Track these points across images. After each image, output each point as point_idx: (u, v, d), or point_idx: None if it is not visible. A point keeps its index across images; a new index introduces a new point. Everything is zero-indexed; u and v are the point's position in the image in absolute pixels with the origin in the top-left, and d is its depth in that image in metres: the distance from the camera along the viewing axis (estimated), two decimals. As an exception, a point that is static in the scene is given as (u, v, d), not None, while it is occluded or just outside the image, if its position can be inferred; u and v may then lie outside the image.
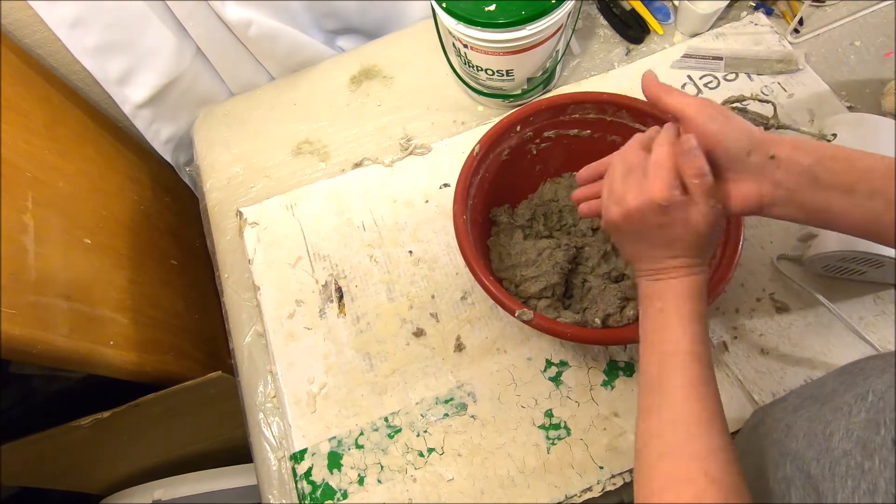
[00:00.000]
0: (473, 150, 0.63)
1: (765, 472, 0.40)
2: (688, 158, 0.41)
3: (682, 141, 0.41)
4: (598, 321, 0.61)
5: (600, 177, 0.51)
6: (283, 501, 0.63)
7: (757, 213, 0.44)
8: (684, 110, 0.42)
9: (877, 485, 0.30)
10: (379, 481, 0.62)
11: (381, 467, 0.63)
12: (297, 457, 0.64)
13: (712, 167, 0.41)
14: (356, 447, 0.64)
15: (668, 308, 0.43)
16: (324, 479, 0.63)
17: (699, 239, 0.43)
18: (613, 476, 0.60)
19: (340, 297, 0.72)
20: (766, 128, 0.72)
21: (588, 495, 0.60)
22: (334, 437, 0.65)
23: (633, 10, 0.86)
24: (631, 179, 0.44)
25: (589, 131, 0.67)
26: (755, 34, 0.84)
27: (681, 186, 0.41)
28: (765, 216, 0.44)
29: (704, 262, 0.45)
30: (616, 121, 0.65)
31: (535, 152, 0.69)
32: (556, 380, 0.65)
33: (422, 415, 0.65)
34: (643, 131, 0.48)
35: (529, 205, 0.72)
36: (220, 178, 0.83)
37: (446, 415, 0.65)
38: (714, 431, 0.37)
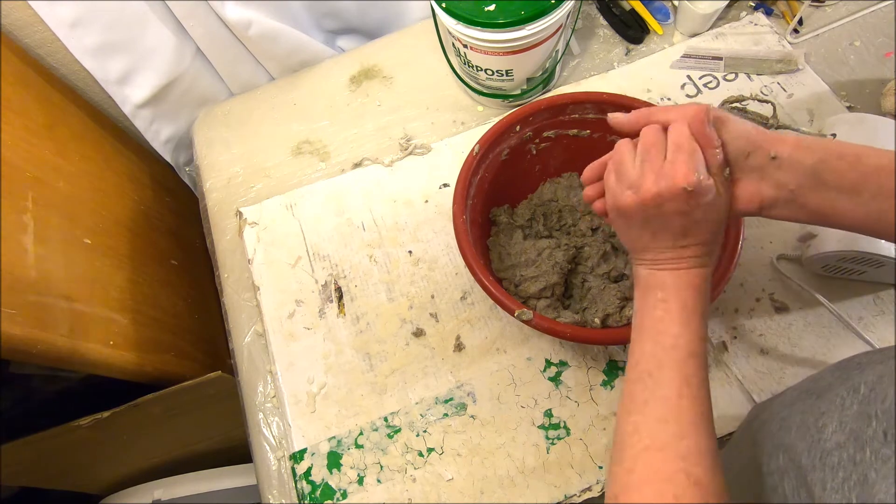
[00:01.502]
0: (473, 150, 0.63)
1: (759, 464, 0.40)
2: (703, 136, 0.40)
3: (697, 113, 0.40)
4: (597, 321, 0.61)
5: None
6: (283, 501, 0.63)
7: (758, 215, 0.43)
8: (678, 120, 0.42)
9: (867, 476, 0.30)
10: (378, 481, 0.62)
11: (381, 467, 0.63)
12: (297, 457, 0.64)
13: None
14: (356, 447, 0.64)
15: (670, 299, 0.42)
16: (323, 479, 0.63)
17: (716, 226, 0.42)
18: (613, 476, 0.60)
19: (340, 297, 0.72)
20: (766, 128, 0.72)
21: (588, 495, 0.60)
22: (334, 437, 0.65)
23: (633, 10, 0.86)
24: (647, 164, 0.42)
25: (589, 131, 0.67)
26: (755, 34, 0.84)
27: (705, 170, 0.40)
28: (766, 217, 0.43)
29: (713, 252, 0.44)
30: (616, 121, 0.65)
31: (534, 152, 0.69)
32: (555, 380, 0.65)
33: (421, 415, 0.65)
34: None
35: (529, 205, 0.72)
36: (220, 178, 0.83)
37: (446, 415, 0.65)
38: (703, 433, 0.37)
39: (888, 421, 0.30)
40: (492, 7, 0.67)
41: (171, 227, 0.93)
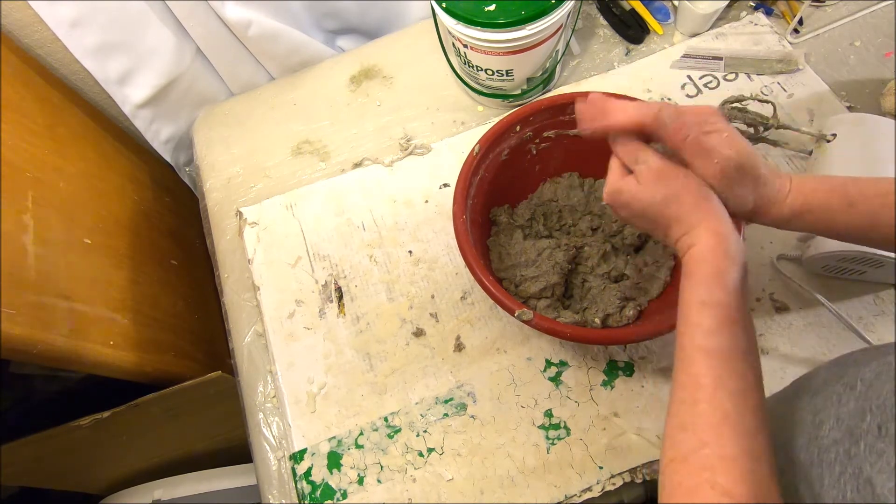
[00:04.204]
0: (473, 149, 0.63)
1: None
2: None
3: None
4: (597, 321, 0.61)
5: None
6: (283, 501, 0.63)
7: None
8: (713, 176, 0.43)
9: (861, 469, 0.30)
10: (379, 481, 0.62)
11: (381, 467, 0.63)
12: (297, 457, 0.64)
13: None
14: (356, 447, 0.64)
15: (684, 289, 0.41)
16: (323, 479, 0.63)
17: (658, 210, 0.44)
18: (613, 476, 0.60)
19: (340, 297, 0.72)
20: (766, 128, 0.72)
21: (588, 495, 0.60)
22: (334, 437, 0.65)
23: (633, 10, 0.86)
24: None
25: (589, 131, 0.67)
26: (755, 34, 0.84)
27: (620, 180, 0.46)
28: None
29: (692, 229, 0.42)
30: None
31: (534, 152, 0.69)
32: (555, 380, 0.65)
33: (421, 415, 0.65)
34: None
35: (529, 205, 0.72)
36: (220, 178, 0.83)
37: (446, 415, 0.65)
38: (727, 437, 0.34)
39: (882, 415, 0.30)
40: (492, 7, 0.67)
41: (171, 227, 0.93)
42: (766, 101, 0.73)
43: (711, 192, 0.43)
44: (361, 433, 0.65)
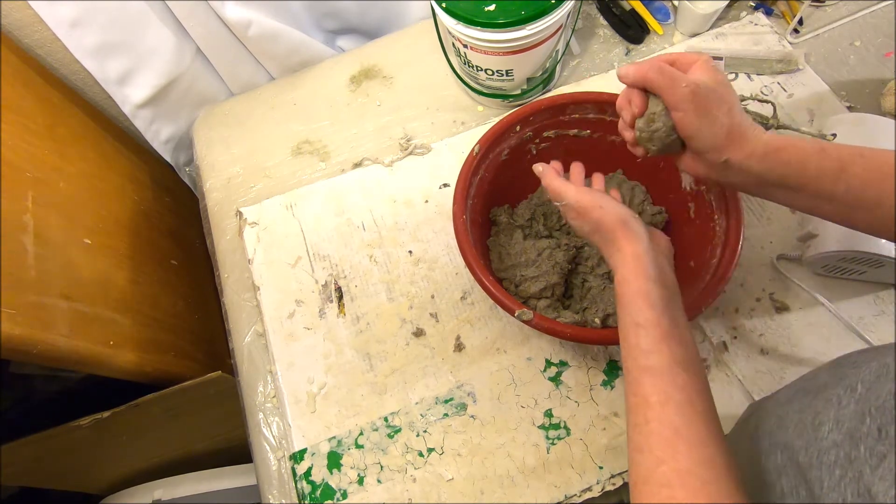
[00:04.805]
0: (473, 149, 0.63)
1: (756, 462, 0.40)
2: None
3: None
4: (597, 321, 0.61)
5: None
6: (283, 501, 0.63)
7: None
8: (673, 95, 0.44)
9: (861, 472, 0.30)
10: (379, 481, 0.62)
11: (381, 467, 0.63)
12: (297, 457, 0.64)
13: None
14: (356, 447, 0.64)
15: (618, 313, 0.44)
16: (323, 479, 0.63)
17: (588, 238, 0.50)
18: (613, 476, 0.60)
19: (340, 297, 0.72)
20: (767, 128, 0.72)
21: (588, 495, 0.60)
22: (334, 437, 0.65)
23: (633, 10, 0.86)
24: None
25: (589, 131, 0.67)
26: (755, 34, 0.84)
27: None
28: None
29: (617, 249, 0.46)
30: (616, 121, 0.64)
31: (534, 152, 0.69)
32: (555, 380, 0.65)
33: (421, 415, 0.65)
34: None
35: (529, 205, 0.71)
36: (220, 178, 0.83)
37: (446, 415, 0.65)
38: (680, 451, 0.35)
39: (882, 417, 0.30)
40: (492, 7, 0.67)
41: (171, 227, 0.93)
42: (766, 101, 0.74)
43: (631, 215, 0.48)
44: (361, 433, 0.65)
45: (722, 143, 0.44)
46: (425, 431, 0.64)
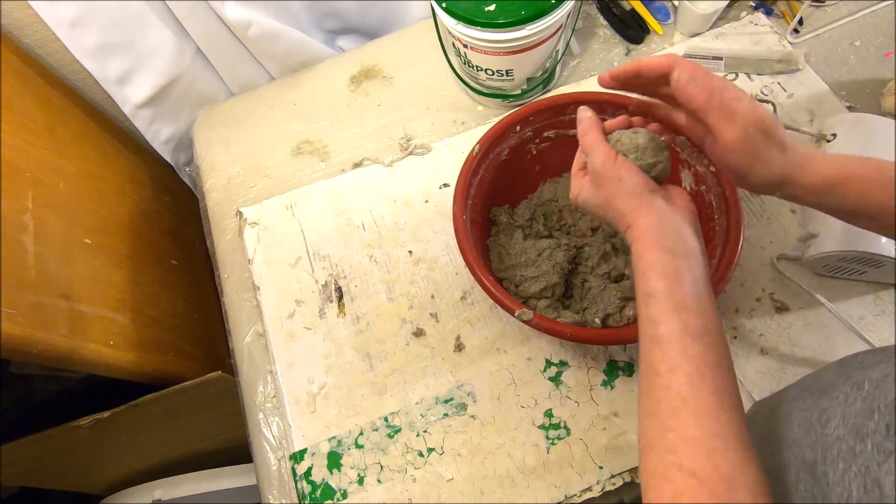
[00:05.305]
0: (473, 149, 0.63)
1: (763, 460, 0.40)
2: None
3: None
4: (597, 321, 0.61)
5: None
6: (283, 501, 0.63)
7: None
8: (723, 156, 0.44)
9: (868, 468, 0.30)
10: (379, 481, 0.62)
11: (381, 467, 0.63)
12: (297, 457, 0.64)
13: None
14: (356, 447, 0.64)
15: (635, 284, 0.43)
16: (323, 479, 0.63)
17: (601, 209, 0.47)
18: (613, 476, 0.60)
19: (340, 297, 0.72)
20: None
21: (588, 495, 0.60)
22: (334, 437, 0.65)
23: (633, 10, 0.86)
24: None
25: (589, 131, 0.67)
26: (755, 34, 0.84)
27: (579, 182, 0.50)
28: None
29: (632, 220, 0.44)
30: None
31: (534, 152, 0.69)
32: (555, 380, 0.65)
33: (421, 415, 0.65)
34: None
35: (529, 205, 0.72)
36: (220, 178, 0.83)
37: (446, 415, 0.65)
38: (687, 421, 0.35)
39: (891, 414, 0.30)
40: (492, 7, 0.67)
41: (171, 227, 0.93)
42: (767, 101, 0.74)
43: (647, 189, 0.45)
44: (361, 433, 0.65)
45: (777, 182, 0.43)
46: (425, 431, 0.64)
